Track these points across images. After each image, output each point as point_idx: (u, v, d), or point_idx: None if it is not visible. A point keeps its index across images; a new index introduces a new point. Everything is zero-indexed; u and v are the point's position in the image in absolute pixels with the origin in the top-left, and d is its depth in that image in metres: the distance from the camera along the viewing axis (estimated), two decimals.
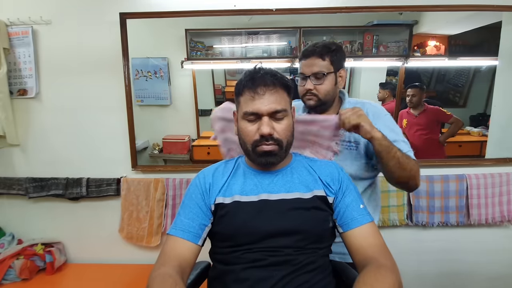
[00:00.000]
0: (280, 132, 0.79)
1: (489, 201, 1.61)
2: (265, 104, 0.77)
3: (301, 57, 1.04)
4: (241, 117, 0.82)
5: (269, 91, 0.78)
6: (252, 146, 0.80)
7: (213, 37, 2.16)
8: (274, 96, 0.79)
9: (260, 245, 0.76)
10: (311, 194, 0.81)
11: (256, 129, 0.79)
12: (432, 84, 3.47)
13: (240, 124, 0.83)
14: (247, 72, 0.82)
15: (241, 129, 0.82)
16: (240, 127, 0.82)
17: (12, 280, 1.54)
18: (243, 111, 0.80)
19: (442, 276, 1.71)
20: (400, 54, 2.31)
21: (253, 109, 0.78)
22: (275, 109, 0.78)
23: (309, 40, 2.13)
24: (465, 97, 3.30)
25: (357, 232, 0.78)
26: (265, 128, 0.77)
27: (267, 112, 0.78)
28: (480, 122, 2.96)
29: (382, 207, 1.61)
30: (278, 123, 0.79)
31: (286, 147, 0.81)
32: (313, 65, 0.99)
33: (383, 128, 0.91)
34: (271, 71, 0.81)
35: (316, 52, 0.99)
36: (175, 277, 0.69)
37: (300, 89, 1.05)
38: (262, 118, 0.78)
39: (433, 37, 2.56)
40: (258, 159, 0.80)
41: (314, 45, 1.01)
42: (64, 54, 1.59)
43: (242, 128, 0.81)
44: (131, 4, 1.53)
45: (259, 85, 0.78)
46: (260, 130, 0.78)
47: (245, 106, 0.80)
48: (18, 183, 1.66)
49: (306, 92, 1.02)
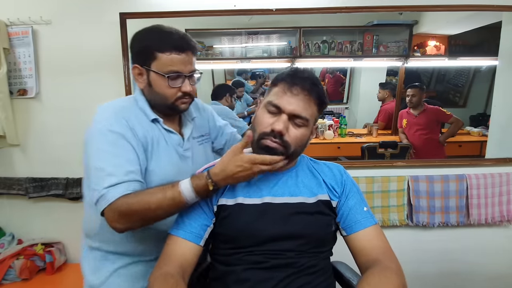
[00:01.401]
0: (292, 137, 0.76)
1: (489, 201, 1.61)
2: (291, 104, 0.75)
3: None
4: (263, 105, 0.80)
5: (302, 95, 0.75)
6: (259, 137, 0.77)
7: (213, 37, 2.16)
8: (304, 102, 0.76)
9: (262, 248, 0.76)
10: (315, 199, 0.81)
11: (272, 122, 0.75)
12: (432, 84, 3.48)
13: (260, 111, 0.80)
14: (293, 68, 0.82)
15: (257, 116, 0.80)
16: (257, 114, 0.80)
17: (12, 280, 1.54)
18: (268, 100, 0.78)
19: (442, 276, 1.71)
20: (400, 54, 2.32)
21: (278, 102, 0.75)
22: (298, 113, 0.75)
23: (309, 40, 2.13)
24: (465, 97, 3.30)
25: (361, 235, 0.78)
26: (279, 124, 0.74)
27: (289, 112, 0.75)
28: (480, 122, 2.96)
29: (382, 207, 1.61)
30: (295, 129, 0.76)
31: (292, 153, 0.78)
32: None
33: None
34: (315, 79, 0.79)
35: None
36: (176, 277, 0.69)
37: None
38: (281, 114, 0.75)
39: (433, 37, 2.56)
40: (258, 151, 0.77)
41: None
42: (64, 54, 1.59)
43: (259, 115, 0.79)
44: (131, 4, 1.52)
45: (296, 85, 0.76)
46: (273, 124, 0.74)
47: (272, 96, 0.78)
48: (18, 183, 1.66)
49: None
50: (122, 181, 0.74)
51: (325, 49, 2.18)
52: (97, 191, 0.73)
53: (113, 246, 0.90)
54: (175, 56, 0.81)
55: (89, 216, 0.90)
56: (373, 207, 1.60)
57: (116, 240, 0.88)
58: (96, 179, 0.75)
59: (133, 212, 0.73)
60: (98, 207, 0.74)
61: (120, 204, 0.72)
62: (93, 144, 0.78)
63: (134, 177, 0.77)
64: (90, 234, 0.92)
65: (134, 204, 0.72)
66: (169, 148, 0.89)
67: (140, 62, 0.84)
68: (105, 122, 0.79)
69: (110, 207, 0.72)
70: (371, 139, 2.72)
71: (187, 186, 0.73)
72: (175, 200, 0.72)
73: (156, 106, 0.88)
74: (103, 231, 0.87)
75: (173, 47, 0.81)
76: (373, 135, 2.79)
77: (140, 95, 0.88)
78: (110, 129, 0.78)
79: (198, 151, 0.99)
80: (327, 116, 3.02)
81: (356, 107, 3.34)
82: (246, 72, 3.40)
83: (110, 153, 0.77)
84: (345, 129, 2.78)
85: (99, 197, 0.73)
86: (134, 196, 0.74)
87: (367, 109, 3.19)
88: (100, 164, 0.76)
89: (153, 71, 0.82)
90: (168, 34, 0.82)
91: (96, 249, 0.92)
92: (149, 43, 0.82)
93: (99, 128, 0.79)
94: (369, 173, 1.61)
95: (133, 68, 0.85)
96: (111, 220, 0.73)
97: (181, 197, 0.72)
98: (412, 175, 1.60)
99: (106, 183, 0.73)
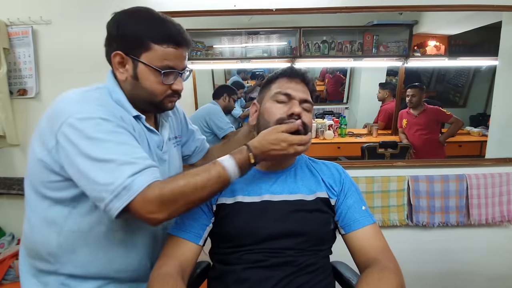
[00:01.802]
0: (307, 119, 0.80)
1: (489, 201, 1.61)
2: (298, 91, 0.82)
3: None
4: (270, 98, 0.83)
5: (302, 84, 0.84)
6: (277, 123, 0.77)
7: (213, 37, 2.17)
8: (304, 90, 0.83)
9: (262, 246, 0.76)
10: (314, 196, 0.81)
11: (286, 108, 0.80)
12: (432, 84, 3.48)
13: (266, 105, 0.83)
14: (286, 67, 0.87)
15: (266, 109, 0.82)
16: (266, 107, 0.82)
17: (12, 280, 1.54)
18: (276, 90, 0.82)
19: (442, 276, 1.71)
20: (400, 54, 2.32)
21: (288, 90, 0.81)
22: (306, 98, 0.82)
23: (309, 40, 2.13)
24: (465, 97, 3.31)
25: (359, 234, 0.78)
26: (297, 107, 0.79)
27: (299, 98, 0.81)
28: (480, 122, 2.97)
29: (382, 207, 1.61)
30: (306, 112, 0.81)
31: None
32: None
33: None
34: (305, 73, 0.86)
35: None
36: (176, 277, 0.69)
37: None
38: (292, 101, 0.80)
39: (433, 37, 2.57)
40: None
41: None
42: (64, 54, 1.58)
43: (268, 107, 0.82)
44: (131, 4, 1.52)
45: (297, 77, 0.84)
46: (291, 109, 0.79)
47: (278, 88, 0.83)
48: (18, 183, 1.66)
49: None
50: (146, 167, 0.64)
51: (325, 49, 2.19)
52: (113, 185, 0.61)
53: (75, 267, 0.74)
54: (171, 50, 0.72)
55: (39, 231, 0.74)
56: (373, 207, 1.60)
57: (82, 258, 0.74)
58: (106, 172, 0.62)
59: (178, 195, 0.64)
60: (115, 204, 0.61)
61: (157, 190, 0.63)
62: (82, 136, 0.63)
63: (153, 163, 0.67)
64: (41, 254, 0.74)
65: (177, 187, 0.64)
66: (151, 150, 0.80)
67: (125, 49, 0.71)
68: (89, 111, 0.66)
69: (142, 197, 0.61)
70: (371, 139, 2.72)
71: (230, 162, 0.69)
72: (220, 177, 0.68)
73: (136, 102, 0.76)
74: (64, 250, 0.73)
75: (171, 39, 0.72)
76: (373, 135, 2.79)
77: (117, 87, 0.75)
78: (102, 117, 0.65)
79: (174, 154, 0.91)
80: (327, 116, 3.02)
81: (356, 107, 3.34)
82: (245, 72, 3.41)
83: (113, 141, 0.64)
84: (345, 129, 2.79)
85: (121, 190, 0.61)
86: (172, 180, 0.66)
87: (367, 109, 3.19)
88: (105, 155, 0.62)
89: (143, 62, 0.71)
90: (164, 23, 0.73)
91: (51, 274, 0.75)
92: (143, 30, 0.70)
93: (85, 118, 0.64)
94: (369, 173, 1.61)
95: (114, 55, 0.72)
96: (148, 211, 0.62)
97: (225, 173, 0.68)
98: (412, 175, 1.60)
99: (128, 171, 0.62)
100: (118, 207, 0.61)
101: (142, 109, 0.78)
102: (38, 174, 0.71)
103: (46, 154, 0.68)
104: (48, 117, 0.70)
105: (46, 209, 0.73)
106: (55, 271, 0.74)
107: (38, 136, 0.72)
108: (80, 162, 0.63)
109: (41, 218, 0.73)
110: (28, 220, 0.76)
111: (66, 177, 0.68)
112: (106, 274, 0.77)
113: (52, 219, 0.73)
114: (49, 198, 0.72)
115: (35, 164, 0.70)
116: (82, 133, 0.63)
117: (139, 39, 0.71)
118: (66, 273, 0.74)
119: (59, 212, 0.72)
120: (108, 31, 0.75)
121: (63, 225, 0.72)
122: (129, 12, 0.74)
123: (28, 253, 0.78)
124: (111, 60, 0.74)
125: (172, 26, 0.73)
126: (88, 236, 0.74)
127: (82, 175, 0.64)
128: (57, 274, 0.75)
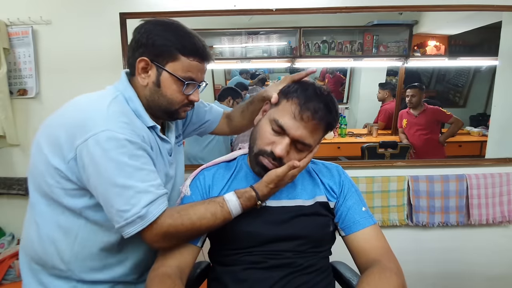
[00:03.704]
0: (289, 159, 0.74)
1: (489, 201, 1.61)
2: (297, 130, 0.72)
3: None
4: (268, 118, 0.76)
5: (312, 123, 0.72)
6: (258, 151, 0.76)
7: (213, 37, 2.16)
8: (312, 129, 0.73)
9: (261, 249, 0.76)
10: (313, 201, 0.81)
11: (273, 141, 0.74)
12: (432, 84, 3.48)
13: (263, 122, 0.78)
14: (313, 86, 0.75)
15: (260, 127, 0.77)
16: (261, 125, 0.78)
17: (12, 280, 1.53)
18: (275, 117, 0.74)
19: (442, 276, 1.71)
20: (400, 54, 2.32)
21: (285, 124, 0.72)
22: (302, 141, 0.73)
23: (309, 40, 2.13)
24: (465, 97, 3.31)
25: (360, 235, 0.78)
26: (279, 149, 0.72)
27: (293, 137, 0.72)
28: (480, 122, 2.97)
29: (382, 207, 1.61)
30: (296, 152, 0.75)
31: None
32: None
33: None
34: (330, 104, 0.74)
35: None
36: (174, 278, 0.69)
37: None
38: (285, 137, 0.73)
39: (433, 37, 2.56)
40: (254, 165, 0.79)
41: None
42: (64, 54, 1.58)
43: (262, 127, 0.77)
44: (131, 4, 1.53)
45: (308, 111, 0.71)
46: (274, 147, 0.73)
47: (279, 114, 0.74)
48: (18, 183, 1.66)
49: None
50: (157, 196, 0.69)
51: (325, 49, 2.18)
52: (129, 212, 0.66)
53: (87, 273, 0.77)
54: (196, 63, 0.76)
55: (51, 239, 0.74)
56: (373, 207, 1.60)
57: (94, 264, 0.77)
58: (124, 198, 0.66)
59: (182, 233, 0.71)
60: (127, 229, 0.67)
61: (165, 226, 0.69)
62: (106, 157, 0.65)
63: (164, 191, 0.72)
64: (54, 264, 0.75)
65: (182, 226, 0.70)
66: (163, 158, 0.83)
67: (152, 57, 0.74)
68: (116, 130, 0.67)
69: (151, 227, 0.68)
70: (371, 139, 2.72)
71: (236, 206, 0.73)
72: (225, 219, 0.73)
73: (153, 108, 0.79)
74: (78, 259, 0.76)
75: (197, 54, 0.76)
76: (373, 135, 2.79)
77: (134, 95, 0.77)
78: (127, 139, 0.67)
79: (179, 154, 0.95)
80: None
81: (356, 107, 3.34)
82: (247, 72, 3.41)
83: (133, 167, 0.67)
84: (345, 129, 2.79)
85: (135, 218, 0.66)
86: (179, 216, 0.71)
87: (367, 109, 3.19)
88: (125, 181, 0.66)
89: (167, 71, 0.74)
90: (192, 37, 0.76)
91: (61, 278, 0.77)
92: (172, 41, 0.73)
93: (111, 138, 0.66)
94: (369, 173, 1.61)
95: (140, 60, 0.74)
96: (153, 240, 0.70)
97: (230, 216, 0.74)
98: (412, 175, 1.60)
99: (143, 201, 0.66)
100: (130, 232, 0.67)
101: (156, 116, 0.81)
102: (50, 180, 0.71)
103: (62, 163, 0.69)
104: (67, 126, 0.70)
105: (59, 216, 0.74)
106: (66, 277, 0.77)
107: (49, 141, 0.71)
108: (100, 182, 0.67)
109: (54, 226, 0.74)
110: (38, 227, 0.75)
111: (82, 186, 0.71)
112: (117, 278, 0.81)
113: (66, 227, 0.74)
114: (62, 205, 0.73)
115: (47, 169, 0.71)
116: (106, 153, 0.65)
117: (168, 49, 0.74)
118: (77, 279, 0.77)
119: (74, 220, 0.74)
120: (135, 37, 0.76)
121: (77, 233, 0.75)
122: (161, 23, 0.76)
123: (33, 260, 0.78)
124: (134, 64, 0.76)
125: (198, 41, 0.77)
126: (102, 244, 0.77)
127: (100, 195, 0.68)
128: (69, 279, 0.77)
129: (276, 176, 0.72)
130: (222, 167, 0.88)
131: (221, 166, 0.88)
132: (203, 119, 1.05)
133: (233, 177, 0.84)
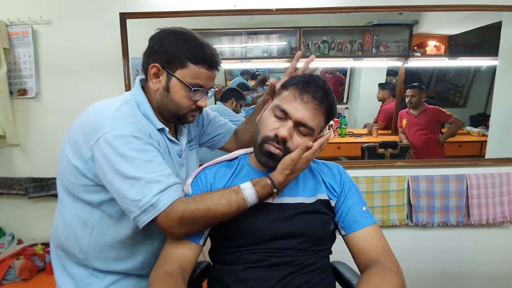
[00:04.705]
0: (294, 144, 0.75)
1: (489, 201, 1.61)
2: (299, 111, 0.74)
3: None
4: (270, 107, 0.79)
5: (313, 104, 0.74)
6: (261, 140, 0.77)
7: (213, 37, 2.16)
8: (313, 111, 0.74)
9: (261, 247, 0.76)
10: (314, 199, 0.81)
11: (276, 127, 0.75)
12: (432, 84, 3.48)
13: (265, 113, 0.80)
14: (308, 74, 0.80)
15: (262, 118, 0.80)
16: (263, 116, 0.80)
17: (12, 280, 1.54)
18: (276, 103, 0.77)
19: (442, 276, 1.71)
20: (400, 54, 2.32)
21: (287, 107, 0.74)
22: (305, 122, 0.74)
23: (309, 40, 2.13)
24: (465, 97, 3.30)
25: (360, 235, 0.78)
26: (283, 130, 0.73)
27: (296, 119, 0.74)
28: (480, 122, 2.96)
29: (382, 207, 1.61)
30: (299, 137, 0.76)
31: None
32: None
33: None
34: (327, 89, 0.76)
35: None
36: (176, 277, 0.69)
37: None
38: (287, 120, 0.75)
39: (433, 37, 2.56)
40: (259, 156, 0.78)
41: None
42: (64, 54, 1.59)
43: (264, 117, 0.79)
44: (131, 4, 1.53)
45: (308, 92, 0.74)
46: (278, 130, 0.75)
47: (281, 101, 0.77)
48: (18, 183, 1.66)
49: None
50: (169, 185, 0.72)
51: (325, 49, 2.18)
52: (141, 201, 0.69)
53: (102, 263, 0.84)
54: (204, 70, 0.81)
55: (73, 230, 0.83)
56: (373, 207, 1.60)
57: (109, 256, 0.84)
58: (135, 189, 0.70)
59: (197, 218, 0.72)
60: (142, 218, 0.70)
61: (180, 211, 0.71)
62: (116, 153, 0.71)
63: (176, 180, 0.75)
64: (74, 252, 0.84)
65: (197, 211, 0.72)
66: (172, 159, 0.87)
67: (163, 63, 0.80)
68: (123, 129, 0.73)
69: (166, 214, 0.71)
70: (371, 139, 2.72)
71: (252, 194, 0.73)
72: (240, 208, 0.73)
73: (162, 112, 0.85)
74: (93, 250, 0.82)
75: (206, 62, 0.81)
76: (373, 135, 2.79)
77: (145, 100, 0.83)
78: (133, 135, 0.73)
79: (191, 158, 0.99)
80: None
81: (356, 107, 3.34)
82: (249, 73, 3.41)
83: (141, 159, 0.72)
84: (345, 129, 2.78)
85: (148, 207, 0.70)
86: (194, 202, 0.72)
87: (367, 109, 3.19)
88: (135, 173, 0.70)
89: (176, 77, 0.80)
90: (202, 46, 0.80)
91: (80, 266, 0.85)
92: (183, 50, 0.79)
93: (118, 136, 0.71)
94: (369, 173, 1.62)
95: (152, 67, 0.80)
96: (170, 226, 0.72)
97: (245, 204, 0.74)
98: (412, 175, 1.60)
99: (154, 190, 0.70)
100: (144, 221, 0.71)
101: (166, 119, 0.87)
102: (71, 177, 0.78)
103: (81, 162, 0.76)
104: (83, 128, 0.77)
105: (79, 210, 0.81)
106: (84, 265, 0.84)
107: (70, 143, 0.78)
108: (113, 177, 0.71)
109: (75, 218, 0.82)
110: (62, 218, 0.84)
111: (98, 183, 0.77)
112: (129, 270, 0.87)
113: (85, 220, 0.81)
114: (82, 200, 0.80)
115: (68, 168, 0.78)
116: (115, 150, 0.71)
117: (178, 56, 0.79)
118: (92, 267, 0.84)
119: (91, 214, 0.81)
120: (150, 44, 0.82)
121: (94, 226, 0.81)
122: (174, 32, 0.82)
123: (59, 247, 0.88)
124: (147, 69, 0.82)
125: (208, 50, 0.81)
126: (116, 236, 0.82)
127: (114, 188, 0.72)
128: (86, 267, 0.85)
129: (291, 160, 0.72)
130: (223, 165, 0.88)
131: (222, 165, 0.89)
132: (216, 131, 1.11)
133: (234, 176, 0.85)
